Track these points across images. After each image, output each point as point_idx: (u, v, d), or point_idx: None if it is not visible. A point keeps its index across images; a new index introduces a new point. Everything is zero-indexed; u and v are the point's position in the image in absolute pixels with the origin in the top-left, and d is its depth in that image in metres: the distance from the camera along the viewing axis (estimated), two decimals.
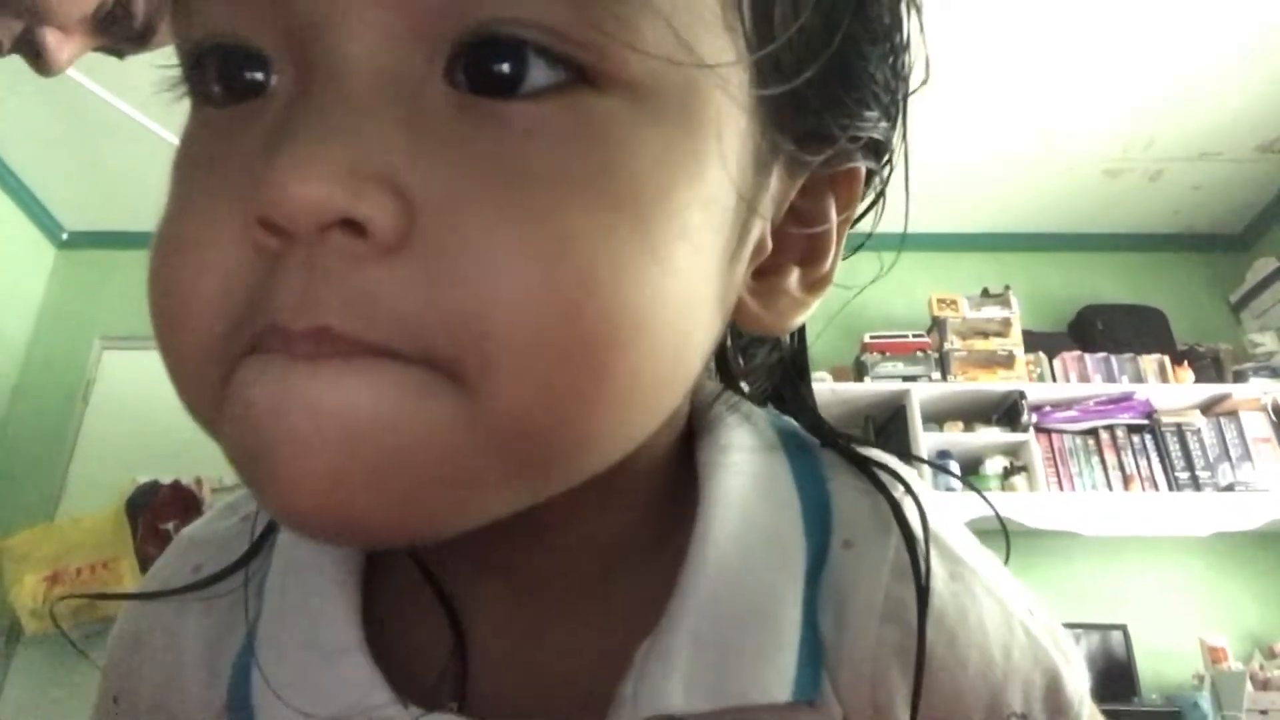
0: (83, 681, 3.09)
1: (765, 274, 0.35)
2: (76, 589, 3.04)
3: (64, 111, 3.26)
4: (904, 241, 0.44)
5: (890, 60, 0.33)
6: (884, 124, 0.35)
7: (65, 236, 3.90)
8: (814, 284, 0.39)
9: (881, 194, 0.43)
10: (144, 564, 3.13)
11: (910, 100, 0.37)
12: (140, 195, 3.71)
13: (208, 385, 0.28)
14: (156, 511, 3.24)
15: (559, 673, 0.33)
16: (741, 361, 0.42)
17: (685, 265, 0.26)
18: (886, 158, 0.39)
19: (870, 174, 0.38)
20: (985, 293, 3.48)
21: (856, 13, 0.30)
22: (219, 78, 0.28)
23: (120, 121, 2.41)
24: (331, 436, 0.23)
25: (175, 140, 0.37)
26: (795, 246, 0.36)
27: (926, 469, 3.09)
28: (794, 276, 0.37)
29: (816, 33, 0.28)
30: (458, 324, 0.23)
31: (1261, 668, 2.83)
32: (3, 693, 3.10)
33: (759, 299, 0.35)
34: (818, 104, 0.31)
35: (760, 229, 0.32)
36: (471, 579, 0.34)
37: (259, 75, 0.26)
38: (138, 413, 3.56)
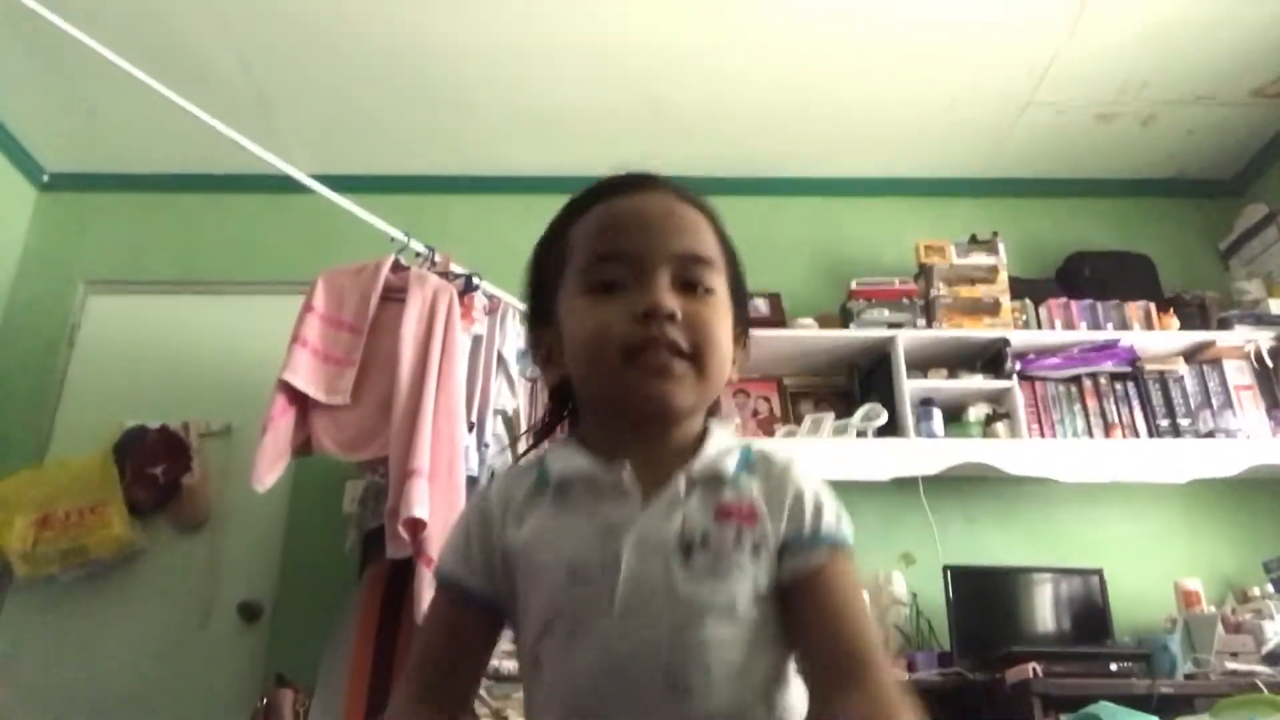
0: (74, 623, 3.14)
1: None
2: (65, 533, 3.06)
3: (41, 52, 3.20)
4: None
5: (746, 303, 0.98)
6: (749, 317, 0.99)
7: (46, 178, 3.86)
8: (737, 365, 0.94)
9: (747, 346, 0.98)
10: (132, 508, 3.16)
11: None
12: (121, 136, 3.67)
13: (619, 359, 0.84)
14: (144, 456, 3.26)
15: (654, 466, 0.85)
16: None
17: (730, 352, 0.90)
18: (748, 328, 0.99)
19: (746, 334, 0.97)
20: (973, 239, 3.46)
21: (744, 293, 0.97)
22: (603, 288, 0.87)
23: (98, 62, 2.36)
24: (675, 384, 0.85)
25: (154, 83, 1.70)
26: (737, 354, 0.94)
27: (909, 414, 3.13)
28: (733, 362, 0.93)
29: (743, 300, 0.96)
30: (695, 348, 0.85)
31: (1234, 611, 2.88)
32: None
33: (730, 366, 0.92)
34: (740, 315, 0.94)
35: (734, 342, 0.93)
36: (628, 448, 0.86)
37: (624, 281, 0.87)
38: (124, 357, 3.56)
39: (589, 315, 0.85)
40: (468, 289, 2.71)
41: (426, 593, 2.17)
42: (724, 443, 0.89)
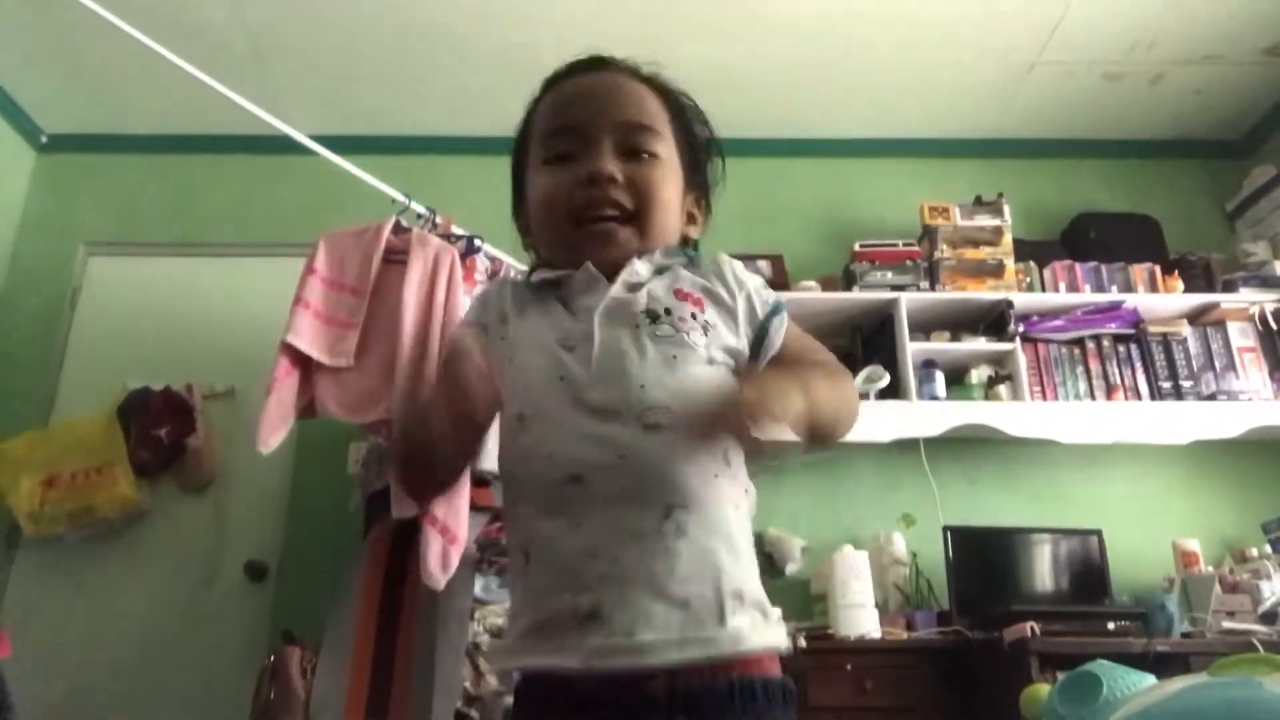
0: (82, 582, 3.18)
1: (687, 221, 1.07)
2: (72, 494, 3.09)
3: (38, 11, 3.17)
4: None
5: (708, 169, 1.10)
6: (710, 181, 1.10)
7: (45, 140, 3.83)
8: (698, 227, 1.08)
9: (710, 201, 1.11)
10: (138, 469, 3.18)
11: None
12: (120, 97, 3.64)
13: (567, 224, 0.97)
14: (149, 418, 3.27)
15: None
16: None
17: (676, 210, 1.03)
18: (710, 192, 1.11)
19: (707, 196, 1.10)
20: (978, 201, 3.44)
21: (703, 156, 1.09)
22: (557, 159, 1.00)
23: (96, 22, 2.33)
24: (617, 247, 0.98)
25: (152, 43, 2.00)
26: (693, 214, 1.08)
27: (911, 376, 3.13)
28: (692, 224, 1.08)
29: (694, 163, 1.07)
30: (636, 206, 0.98)
31: (1231, 571, 2.90)
32: (5, 594, 3.19)
33: (685, 226, 1.06)
34: (694, 180, 1.08)
35: (685, 205, 1.06)
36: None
37: (572, 153, 0.99)
38: (126, 319, 3.56)
39: (543, 184, 0.98)
40: (469, 251, 2.70)
41: (431, 552, 2.19)
42: (669, 248, 1.02)
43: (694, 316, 0.94)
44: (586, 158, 0.96)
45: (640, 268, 0.96)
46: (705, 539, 0.86)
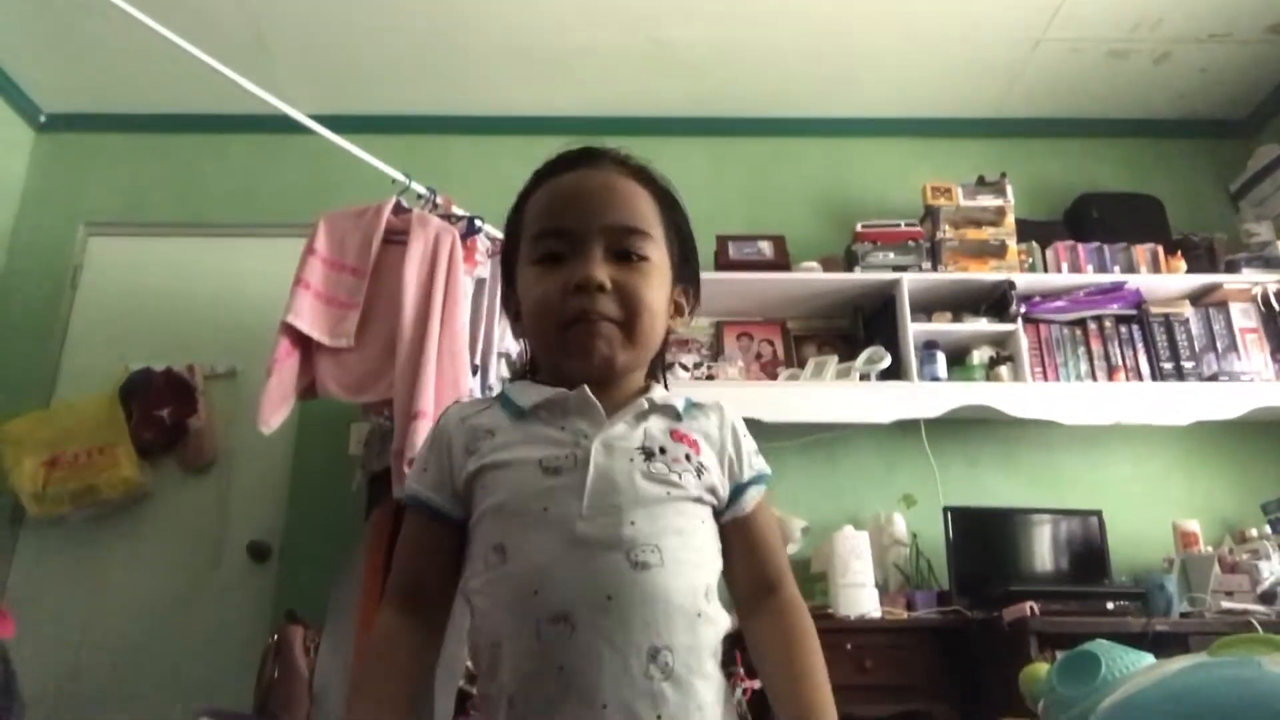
0: (86, 563, 3.20)
1: (674, 314, 1.06)
2: (75, 474, 3.10)
3: None
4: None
5: (696, 261, 1.10)
6: (697, 276, 1.10)
7: (43, 119, 3.81)
8: (684, 316, 1.08)
9: (699, 291, 1.10)
10: (140, 449, 3.19)
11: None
12: (119, 76, 3.62)
13: (556, 330, 0.96)
14: (151, 398, 3.28)
15: (613, 404, 0.97)
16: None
17: (663, 311, 1.02)
18: (698, 282, 1.10)
19: (694, 288, 1.09)
20: (981, 181, 3.42)
21: (690, 249, 1.08)
22: (551, 258, 0.98)
23: (94, 0, 2.32)
24: (605, 345, 0.97)
25: (150, 22, 2.21)
26: (679, 305, 1.07)
27: (913, 357, 3.14)
28: (678, 315, 1.07)
29: (683, 257, 1.07)
30: (624, 314, 0.96)
31: (1231, 551, 2.91)
32: (8, 574, 3.21)
33: (671, 320, 1.06)
34: (683, 272, 1.07)
35: (672, 301, 1.05)
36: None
37: (562, 254, 0.98)
38: (126, 299, 3.56)
39: (534, 286, 0.98)
40: (470, 231, 2.69)
41: None
42: (664, 392, 1.04)
43: (688, 458, 0.96)
44: (577, 263, 0.96)
45: (645, 404, 0.98)
46: (689, 679, 0.86)
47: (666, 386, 1.08)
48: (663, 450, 0.95)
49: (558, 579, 0.86)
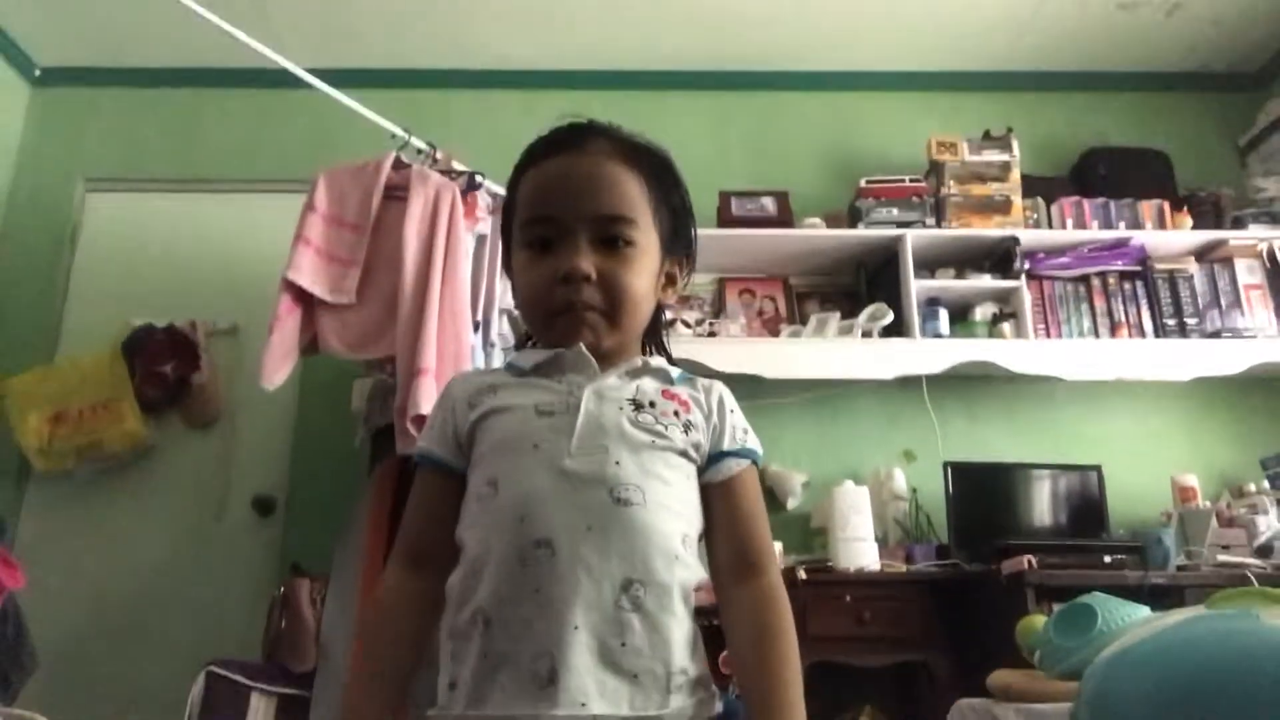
0: (93, 517, 3.23)
1: (665, 287, 1.09)
2: (79, 429, 3.12)
3: None
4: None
5: (690, 231, 1.11)
6: (691, 246, 1.12)
7: (38, 73, 3.77)
8: (676, 287, 1.11)
9: (693, 259, 1.12)
10: (143, 405, 3.21)
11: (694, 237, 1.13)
12: (115, 29, 3.57)
13: (545, 318, 1.02)
14: (153, 354, 3.28)
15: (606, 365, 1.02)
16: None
17: (650, 291, 1.05)
18: (693, 251, 1.12)
19: (688, 258, 1.11)
20: (986, 135, 3.39)
21: (683, 221, 1.09)
22: (540, 243, 1.01)
23: None
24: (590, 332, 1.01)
25: None
26: (672, 275, 1.10)
27: (915, 313, 3.13)
28: (671, 286, 1.10)
29: (674, 230, 1.08)
30: (609, 302, 1.00)
31: (1229, 506, 2.93)
32: (17, 528, 3.24)
33: (662, 293, 1.09)
34: (675, 246, 1.08)
35: (662, 275, 1.08)
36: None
37: (550, 240, 1.01)
38: (127, 256, 3.55)
39: (524, 273, 1.03)
40: (470, 188, 2.67)
41: None
42: (660, 361, 1.08)
43: (676, 414, 1.00)
44: (564, 253, 0.99)
45: (638, 361, 1.04)
46: (658, 616, 0.90)
47: (671, 360, 1.11)
48: (652, 404, 0.99)
49: (544, 507, 0.91)
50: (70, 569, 3.14)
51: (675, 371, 1.06)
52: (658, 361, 1.07)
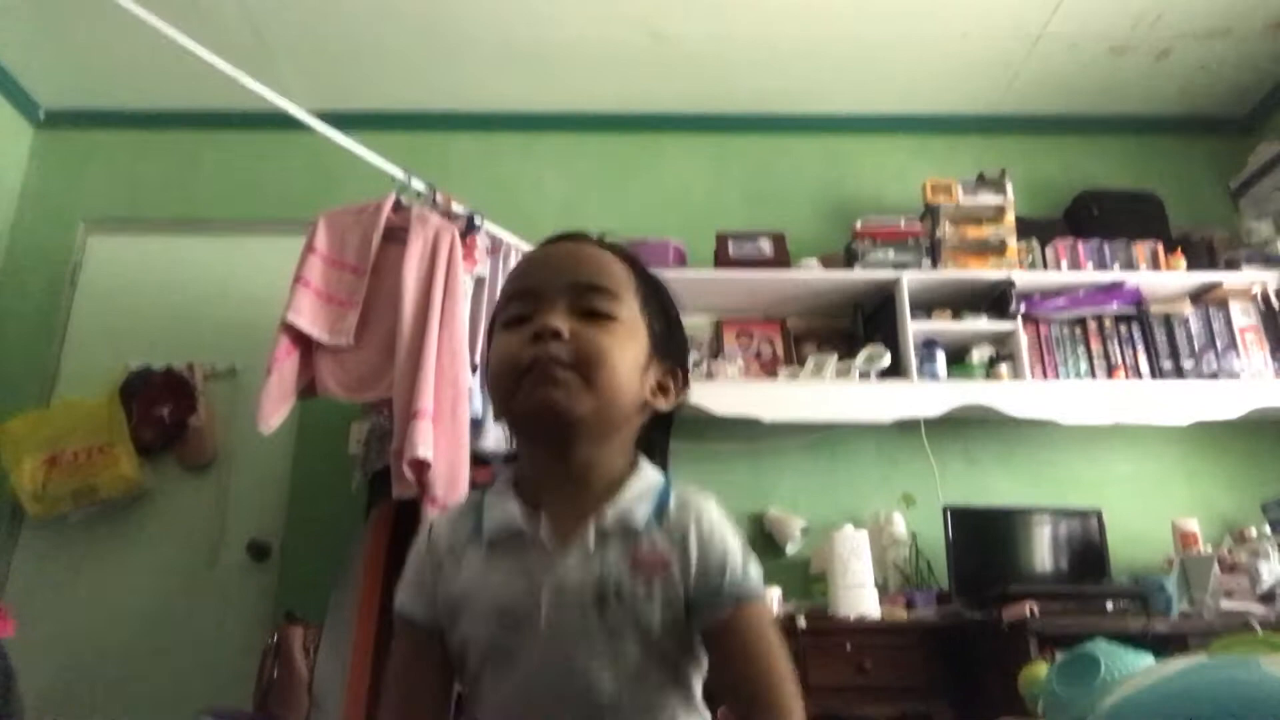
0: (86, 562, 3.19)
1: (656, 391, 0.98)
2: (74, 473, 3.10)
3: None
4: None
5: (684, 343, 1.04)
6: (684, 358, 1.04)
7: (43, 116, 3.81)
8: (670, 399, 1.00)
9: (687, 376, 1.03)
10: (140, 448, 3.19)
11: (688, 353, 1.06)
12: (118, 72, 3.61)
13: (513, 380, 0.91)
14: (150, 397, 3.28)
15: (573, 512, 0.92)
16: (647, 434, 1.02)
17: (633, 374, 0.94)
18: (687, 366, 1.04)
19: (683, 370, 1.02)
20: (981, 178, 3.42)
21: (676, 331, 1.02)
22: (517, 320, 0.94)
23: None
24: (559, 390, 0.91)
25: (150, 17, 2.22)
26: (665, 386, 1.00)
27: (912, 355, 3.13)
28: (664, 396, 0.99)
29: (667, 335, 1.00)
30: (582, 361, 0.90)
31: (1230, 551, 2.91)
32: (8, 573, 3.21)
33: (653, 396, 0.98)
34: (667, 352, 0.99)
35: (652, 375, 0.97)
36: (551, 491, 0.94)
37: (528, 315, 0.94)
38: (126, 298, 3.56)
39: (497, 345, 0.96)
40: (470, 229, 2.69)
41: None
42: (641, 487, 0.94)
43: (649, 592, 0.88)
44: (538, 317, 0.92)
45: (591, 537, 0.90)
46: None
47: (666, 467, 1.01)
48: (619, 593, 0.88)
49: (522, 713, 0.89)
50: (62, 615, 3.11)
51: (644, 510, 0.92)
52: (626, 503, 0.92)
